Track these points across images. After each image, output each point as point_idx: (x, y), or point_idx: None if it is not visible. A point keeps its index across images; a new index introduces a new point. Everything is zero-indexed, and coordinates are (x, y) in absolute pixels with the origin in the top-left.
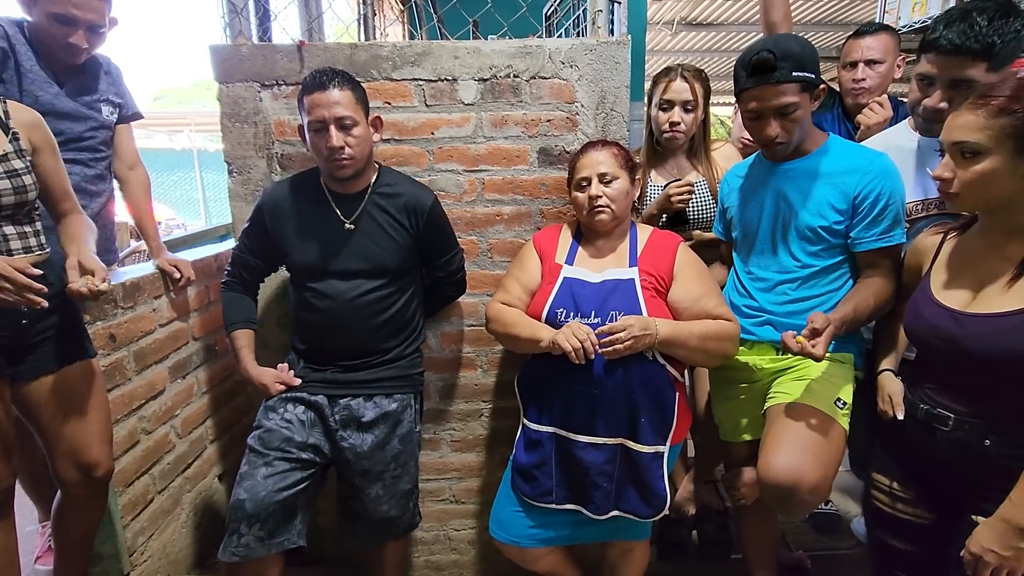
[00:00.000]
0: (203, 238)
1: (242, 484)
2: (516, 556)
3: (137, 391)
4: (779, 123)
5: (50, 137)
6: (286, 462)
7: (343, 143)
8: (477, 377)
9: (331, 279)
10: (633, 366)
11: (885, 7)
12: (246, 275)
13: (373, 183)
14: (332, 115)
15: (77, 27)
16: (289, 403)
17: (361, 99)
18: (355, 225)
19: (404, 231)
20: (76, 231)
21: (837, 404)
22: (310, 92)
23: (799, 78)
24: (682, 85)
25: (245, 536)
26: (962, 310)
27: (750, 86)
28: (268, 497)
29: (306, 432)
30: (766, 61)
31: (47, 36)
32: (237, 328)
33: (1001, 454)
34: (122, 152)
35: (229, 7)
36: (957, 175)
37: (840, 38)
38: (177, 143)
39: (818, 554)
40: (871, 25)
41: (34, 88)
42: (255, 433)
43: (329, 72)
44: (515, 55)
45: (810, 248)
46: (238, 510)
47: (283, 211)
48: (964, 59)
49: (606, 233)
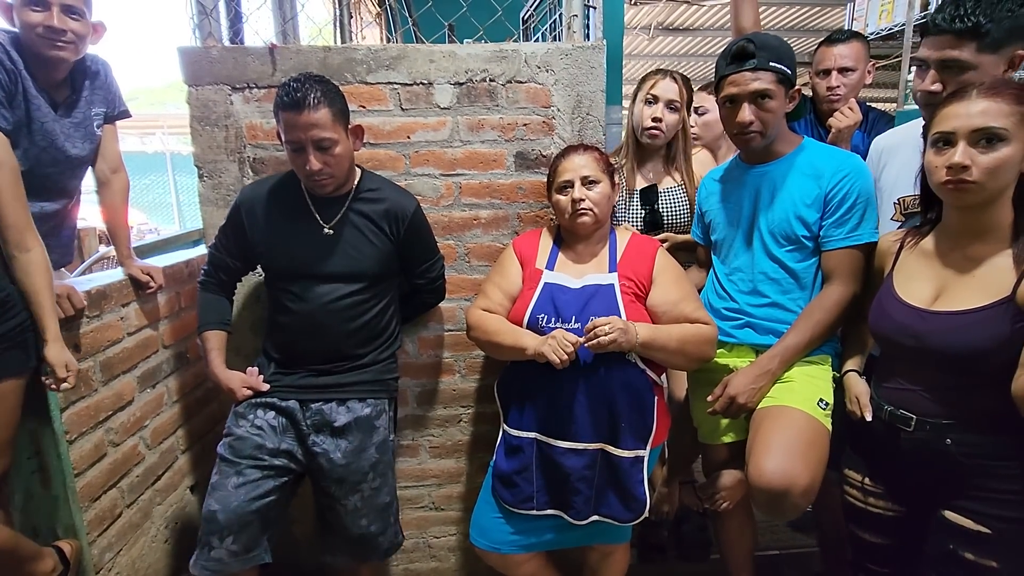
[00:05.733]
0: (175, 243)
1: (213, 495)
2: (497, 563)
3: (104, 402)
4: (752, 110)
5: (12, 159)
6: (258, 470)
7: (321, 165)
8: (456, 382)
9: (307, 282)
10: (613, 369)
11: (853, 14)
12: (223, 275)
13: (355, 188)
14: (310, 137)
15: (51, 8)
16: (259, 408)
17: (340, 112)
18: (334, 230)
19: (384, 237)
20: (39, 285)
21: (820, 405)
22: (285, 110)
23: (776, 69)
24: (671, 85)
25: (217, 549)
26: (927, 308)
27: (729, 72)
28: (240, 507)
29: (278, 438)
30: (745, 49)
31: (28, 39)
32: (209, 329)
33: (961, 452)
34: (106, 153)
35: (198, 8)
36: (976, 162)
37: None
38: (149, 146)
39: (794, 552)
40: (843, 32)
41: (39, 115)
42: (225, 441)
43: (305, 87)
44: (491, 59)
45: (788, 248)
46: (210, 522)
47: (261, 211)
48: (952, 39)
49: (586, 238)
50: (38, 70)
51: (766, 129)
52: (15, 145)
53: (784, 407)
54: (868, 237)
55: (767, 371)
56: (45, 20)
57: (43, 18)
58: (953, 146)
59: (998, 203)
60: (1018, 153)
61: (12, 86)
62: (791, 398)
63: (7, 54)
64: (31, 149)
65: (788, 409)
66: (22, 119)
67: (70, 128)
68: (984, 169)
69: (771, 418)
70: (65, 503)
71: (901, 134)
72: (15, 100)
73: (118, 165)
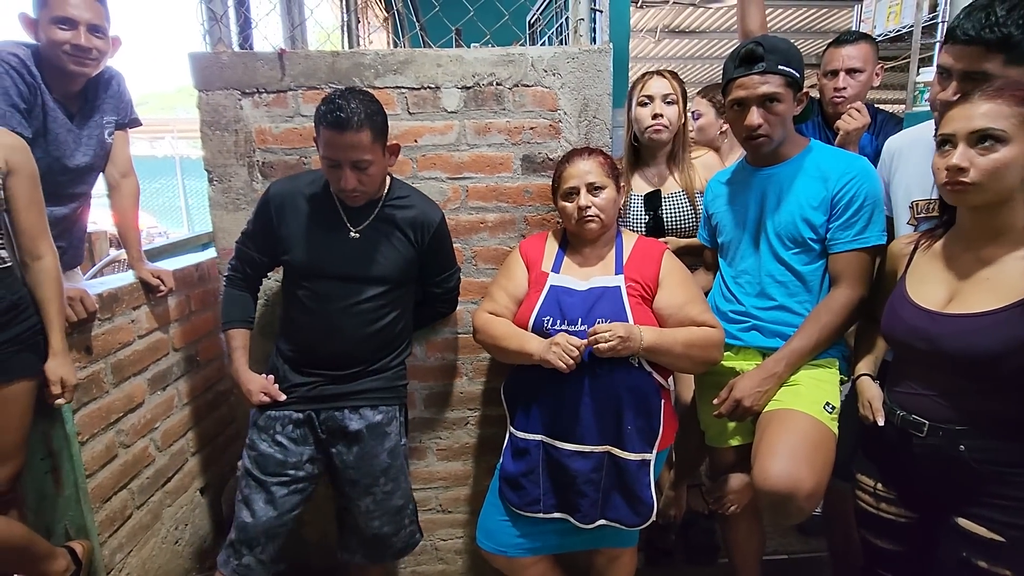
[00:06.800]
0: (184, 247)
1: (245, 508)
2: (504, 566)
3: (115, 404)
4: (760, 113)
5: (31, 165)
6: (284, 487)
7: (356, 184)
8: (463, 385)
9: (328, 282)
10: (619, 373)
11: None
12: (249, 270)
13: (384, 196)
14: (347, 158)
15: (78, 27)
16: (277, 423)
17: (380, 134)
18: (361, 234)
19: (409, 244)
20: (48, 295)
21: (826, 409)
22: (328, 128)
23: (784, 72)
24: (660, 81)
25: (247, 557)
26: (939, 310)
27: (737, 75)
28: (270, 522)
29: (299, 450)
30: (754, 52)
31: (53, 55)
32: (233, 327)
33: (975, 459)
34: (117, 158)
35: (209, 14)
36: (975, 164)
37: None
38: (159, 150)
39: (803, 556)
40: (851, 34)
41: (55, 126)
42: (249, 455)
43: (351, 106)
44: (498, 63)
45: (794, 251)
46: (242, 531)
47: (290, 207)
48: (980, 50)
49: (592, 241)
50: (55, 82)
51: (774, 132)
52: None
53: (790, 411)
54: (875, 240)
55: (773, 374)
56: (73, 39)
57: (71, 36)
58: (955, 148)
59: (1010, 205)
60: (1021, 154)
61: (32, 98)
62: (797, 401)
63: (26, 68)
64: (44, 158)
65: (794, 413)
66: (39, 129)
67: (83, 137)
68: (983, 171)
69: (777, 421)
70: (77, 504)
71: (913, 136)
72: (34, 111)
73: (128, 170)
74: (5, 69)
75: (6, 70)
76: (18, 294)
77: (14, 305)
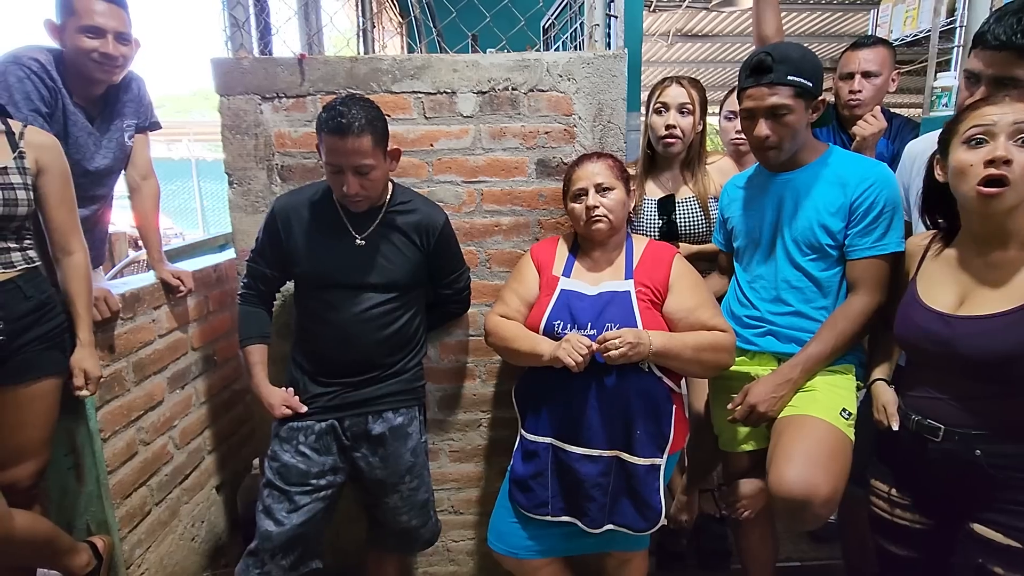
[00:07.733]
0: (201, 248)
1: (267, 517)
2: (514, 567)
3: (136, 402)
4: (769, 124)
5: (63, 164)
6: (307, 496)
7: (358, 188)
8: (476, 387)
9: (340, 291)
10: (629, 378)
11: (877, 20)
12: (262, 286)
13: (387, 202)
14: (349, 163)
15: (106, 36)
16: (300, 434)
17: (381, 139)
18: (367, 241)
19: (415, 248)
20: (77, 290)
21: (843, 415)
22: (330, 134)
23: (794, 82)
24: (678, 90)
25: (269, 564)
26: (952, 313)
27: (747, 86)
28: (293, 531)
29: (321, 459)
30: (763, 62)
31: (80, 63)
32: (252, 343)
33: (991, 463)
34: (137, 161)
35: (231, 21)
36: (1017, 160)
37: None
38: (175, 152)
39: (817, 563)
40: (868, 38)
41: (75, 130)
42: (272, 465)
43: (352, 112)
44: (513, 68)
45: (811, 257)
46: (265, 540)
47: (296, 220)
48: (1011, 55)
49: (602, 245)
50: (77, 87)
51: (783, 143)
52: None
53: (806, 416)
54: (894, 247)
55: (788, 380)
56: (101, 47)
57: (99, 44)
58: (990, 142)
59: (1021, 208)
60: None
61: (53, 102)
62: (813, 407)
63: (47, 73)
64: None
65: (810, 418)
66: (60, 132)
67: (103, 140)
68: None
69: (793, 427)
70: (98, 499)
71: (934, 140)
72: (55, 115)
73: (148, 172)
74: (26, 74)
75: (27, 75)
76: (46, 293)
77: (42, 304)
